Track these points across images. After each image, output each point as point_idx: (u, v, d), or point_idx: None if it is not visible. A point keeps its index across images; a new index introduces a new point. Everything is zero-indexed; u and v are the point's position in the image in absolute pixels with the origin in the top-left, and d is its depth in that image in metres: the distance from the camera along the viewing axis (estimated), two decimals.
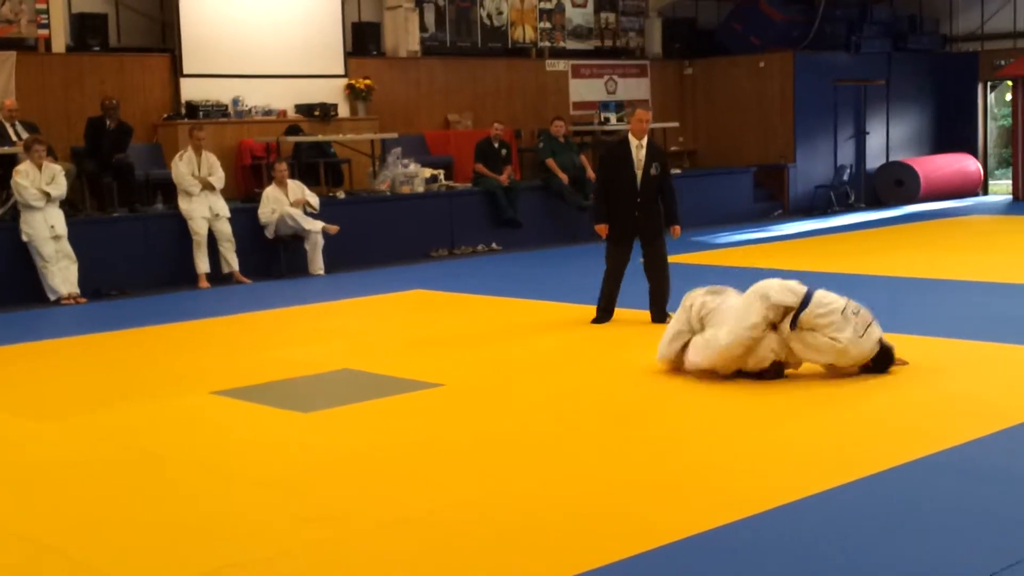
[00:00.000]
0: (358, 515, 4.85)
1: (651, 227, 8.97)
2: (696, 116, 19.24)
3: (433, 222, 14.35)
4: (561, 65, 17.87)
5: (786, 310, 6.86)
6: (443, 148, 15.97)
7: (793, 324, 6.82)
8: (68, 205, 11.96)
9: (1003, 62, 19.29)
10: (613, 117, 17.29)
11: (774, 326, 6.85)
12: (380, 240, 13.79)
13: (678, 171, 17.45)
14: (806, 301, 6.87)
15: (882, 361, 6.91)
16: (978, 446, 5.45)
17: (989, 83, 20.33)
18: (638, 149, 8.88)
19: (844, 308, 6.85)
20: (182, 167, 12.35)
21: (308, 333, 9.39)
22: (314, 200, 12.88)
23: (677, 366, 7.21)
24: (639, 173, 8.85)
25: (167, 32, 14.37)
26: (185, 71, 14.12)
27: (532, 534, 4.54)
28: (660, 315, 8.83)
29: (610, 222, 8.98)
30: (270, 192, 12.73)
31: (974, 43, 20.25)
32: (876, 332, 6.88)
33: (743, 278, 11.23)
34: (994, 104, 21.09)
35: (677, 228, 9.15)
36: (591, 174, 15.52)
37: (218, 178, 12.51)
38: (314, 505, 5.01)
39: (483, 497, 5.00)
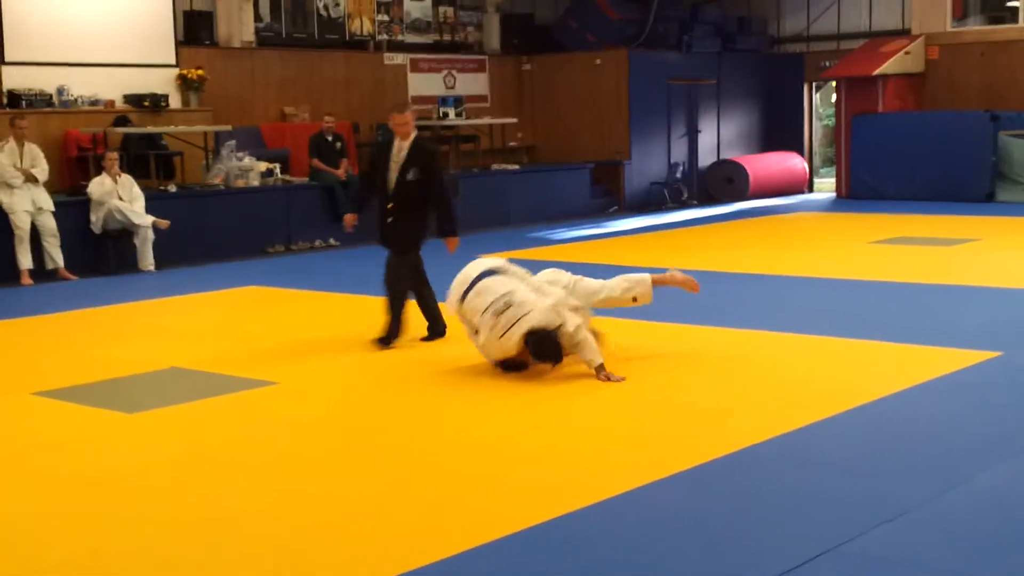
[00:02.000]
0: (176, 513, 4.74)
1: (401, 238, 8.11)
2: (534, 112, 19.40)
3: (269, 217, 14.12)
4: (400, 59, 17.79)
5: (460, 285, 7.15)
6: (279, 141, 15.73)
7: (461, 299, 7.10)
8: None
9: (827, 63, 20.00)
10: (452, 112, 17.29)
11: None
12: (214, 235, 13.50)
13: (515, 167, 17.61)
14: (475, 281, 7.04)
15: (543, 352, 6.80)
16: (799, 435, 5.62)
17: (814, 83, 21.05)
18: (399, 150, 8.01)
19: (489, 306, 6.87)
20: (3, 158, 11.87)
21: (136, 331, 9.13)
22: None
23: None
24: (392, 177, 7.99)
25: None
26: (7, 59, 13.56)
27: (353, 532, 4.50)
28: (435, 330, 8.21)
29: (377, 227, 8.26)
30: (103, 180, 12.33)
31: (800, 44, 20.95)
32: (523, 327, 6.75)
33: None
34: (819, 104, 21.85)
35: (452, 240, 8.23)
36: None
37: (42, 170, 12.06)
38: (132, 503, 4.88)
39: (313, 493, 4.94)
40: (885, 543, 4.24)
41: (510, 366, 7.00)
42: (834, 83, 20.14)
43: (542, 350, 6.80)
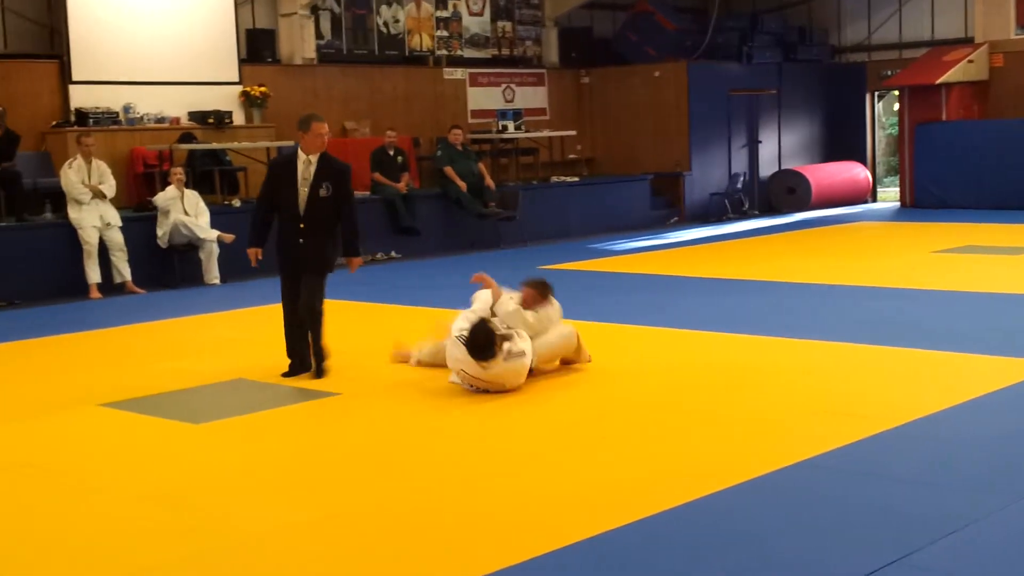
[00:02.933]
0: (240, 525, 4.80)
1: (314, 260, 7.65)
2: (593, 125, 19.42)
3: None
4: (459, 73, 17.91)
5: None
6: (341, 156, 15.64)
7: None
8: None
9: (890, 72, 19.82)
10: (511, 125, 17.38)
11: None
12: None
13: (575, 179, 17.64)
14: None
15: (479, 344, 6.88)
16: (861, 447, 5.58)
17: (877, 93, 20.86)
18: (306, 165, 7.54)
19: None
20: (72, 175, 12.11)
21: (202, 343, 9.26)
22: (202, 217, 12.65)
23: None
24: (303, 192, 7.51)
25: (56, 38, 14.08)
26: (74, 78, 13.85)
27: (413, 545, 4.54)
28: (316, 367, 7.69)
29: (277, 251, 7.72)
30: (167, 189, 12.58)
31: (861, 53, 20.77)
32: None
33: (639, 285, 11.41)
34: (882, 113, 21.64)
35: (355, 261, 7.90)
36: (490, 182, 15.60)
37: (109, 186, 12.29)
38: (197, 516, 4.96)
39: (374, 506, 4.99)
40: (949, 556, 4.20)
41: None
42: (897, 92, 19.94)
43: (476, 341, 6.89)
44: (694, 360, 7.76)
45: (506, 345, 6.89)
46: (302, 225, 7.55)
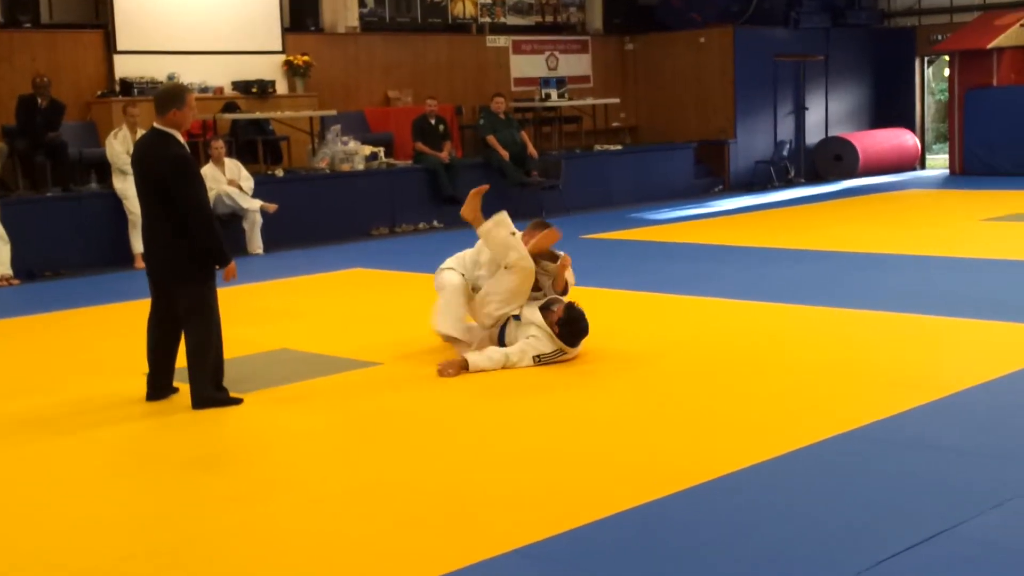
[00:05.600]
0: (283, 494, 4.82)
1: None
2: (637, 92, 19.27)
3: (373, 200, 14.28)
4: (502, 41, 17.81)
5: None
6: (383, 125, 15.88)
7: None
8: (0, 185, 11.78)
9: (940, 37, 19.50)
10: (554, 93, 17.27)
11: None
12: (319, 218, 13.69)
13: (618, 147, 17.53)
14: None
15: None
16: (907, 417, 5.52)
17: (926, 58, 20.54)
18: None
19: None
20: (117, 145, 12.17)
21: (246, 313, 9.29)
22: (247, 184, 12.72)
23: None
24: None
25: (100, 7, 14.14)
26: (119, 47, 13.92)
27: (451, 515, 4.54)
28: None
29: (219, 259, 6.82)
30: (207, 171, 12.56)
31: (911, 18, 20.45)
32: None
33: (681, 254, 11.34)
34: (931, 79, 21.30)
35: None
36: (532, 151, 15.52)
37: None
38: (240, 485, 4.99)
39: (414, 476, 4.99)
40: (996, 527, 4.14)
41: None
42: (947, 57, 19.62)
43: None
44: (738, 330, 7.70)
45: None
46: None
